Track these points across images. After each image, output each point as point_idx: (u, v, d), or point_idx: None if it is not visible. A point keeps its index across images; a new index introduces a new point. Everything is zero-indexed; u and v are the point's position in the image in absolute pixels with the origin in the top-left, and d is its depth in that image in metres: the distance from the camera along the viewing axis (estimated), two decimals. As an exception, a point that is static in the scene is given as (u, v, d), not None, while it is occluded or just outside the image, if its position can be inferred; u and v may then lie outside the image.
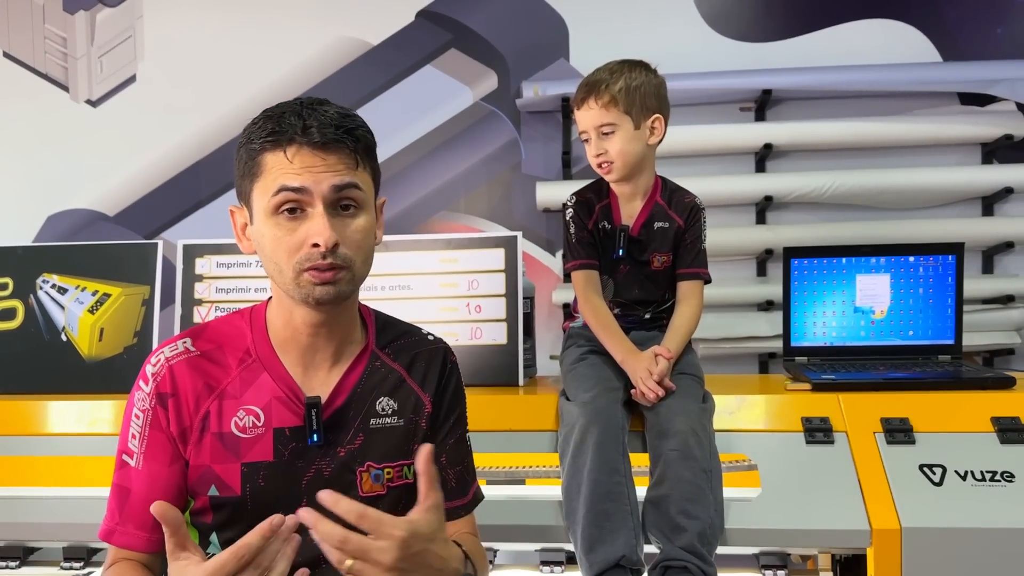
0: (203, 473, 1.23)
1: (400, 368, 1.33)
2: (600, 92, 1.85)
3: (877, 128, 2.80)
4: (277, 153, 1.17)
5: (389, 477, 1.29)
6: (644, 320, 2.00)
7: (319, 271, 1.17)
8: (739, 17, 2.94)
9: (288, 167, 1.16)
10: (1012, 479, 1.71)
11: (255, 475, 1.23)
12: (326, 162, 1.17)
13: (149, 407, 1.24)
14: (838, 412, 1.86)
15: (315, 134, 1.16)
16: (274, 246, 1.19)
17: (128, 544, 1.23)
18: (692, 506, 1.64)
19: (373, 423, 1.29)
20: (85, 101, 3.15)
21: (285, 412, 1.25)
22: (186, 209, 3.12)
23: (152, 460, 1.23)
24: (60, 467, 1.91)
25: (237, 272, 2.17)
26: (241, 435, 1.24)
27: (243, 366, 1.26)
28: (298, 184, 1.16)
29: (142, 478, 1.23)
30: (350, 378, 1.29)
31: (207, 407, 1.24)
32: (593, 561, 1.64)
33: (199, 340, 1.28)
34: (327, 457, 1.26)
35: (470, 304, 2.11)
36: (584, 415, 1.75)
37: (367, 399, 1.29)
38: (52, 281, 2.19)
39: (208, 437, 1.23)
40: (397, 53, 3.05)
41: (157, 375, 1.24)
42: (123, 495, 1.24)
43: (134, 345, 2.15)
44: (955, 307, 2.13)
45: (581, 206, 1.97)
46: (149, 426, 1.23)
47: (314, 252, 1.16)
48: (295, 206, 1.17)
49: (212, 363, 1.26)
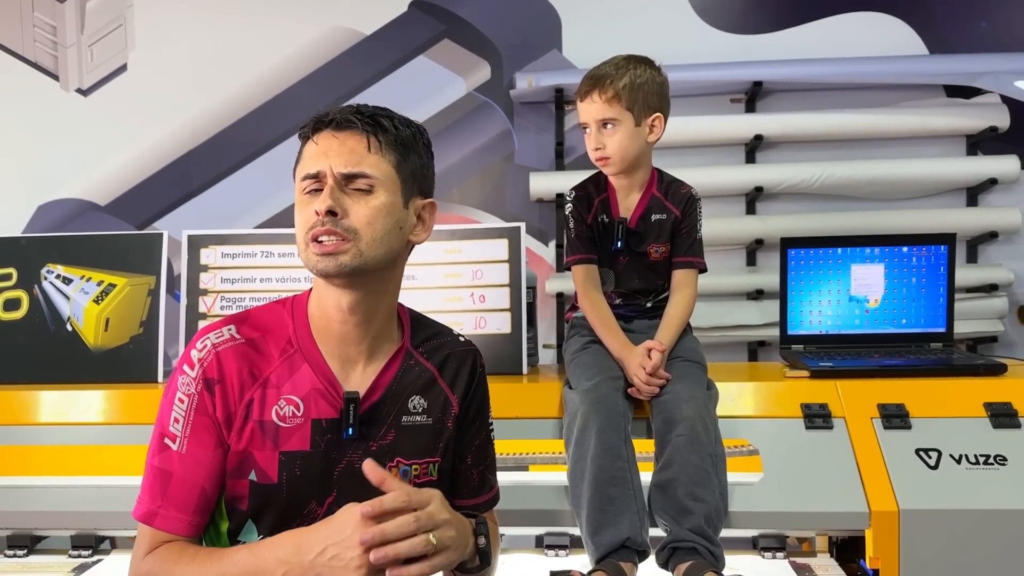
0: (244, 459, 1.26)
1: (433, 368, 1.37)
2: (605, 87, 1.87)
3: (865, 120, 2.86)
4: (309, 143, 1.26)
5: (416, 473, 1.33)
6: (646, 309, 2.03)
7: (321, 244, 1.22)
8: (730, 9, 2.98)
9: (312, 151, 1.25)
10: (1004, 462, 1.77)
11: (292, 464, 1.26)
12: (342, 147, 1.23)
13: (195, 391, 1.25)
14: (836, 398, 1.90)
15: (334, 123, 1.24)
16: (297, 222, 1.26)
17: (170, 528, 1.25)
18: (699, 489, 1.68)
19: (404, 420, 1.32)
20: (75, 90, 3.13)
21: (323, 404, 1.28)
22: (178, 199, 3.12)
23: (197, 444, 1.25)
24: (68, 456, 1.93)
25: (242, 262, 2.18)
26: (281, 424, 1.26)
27: (285, 356, 1.29)
28: (315, 170, 1.23)
29: (186, 462, 1.25)
30: (386, 375, 1.32)
31: (251, 395, 1.26)
32: (599, 543, 1.67)
33: (244, 327, 1.30)
34: (359, 450, 1.29)
35: (474, 294, 2.13)
36: (586, 403, 1.78)
37: (400, 396, 1.33)
38: (57, 271, 2.18)
39: (250, 424, 1.26)
40: (390, 43, 3.06)
41: (204, 360, 1.26)
42: (164, 478, 1.25)
43: (140, 335, 2.15)
44: (947, 296, 2.19)
45: (580, 201, 2.01)
46: (195, 411, 1.25)
47: (316, 219, 1.22)
48: (317, 187, 1.23)
49: (256, 351, 1.28)
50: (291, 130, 3.03)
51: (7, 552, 1.97)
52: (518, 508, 1.81)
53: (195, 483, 1.25)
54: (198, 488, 1.25)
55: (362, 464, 1.19)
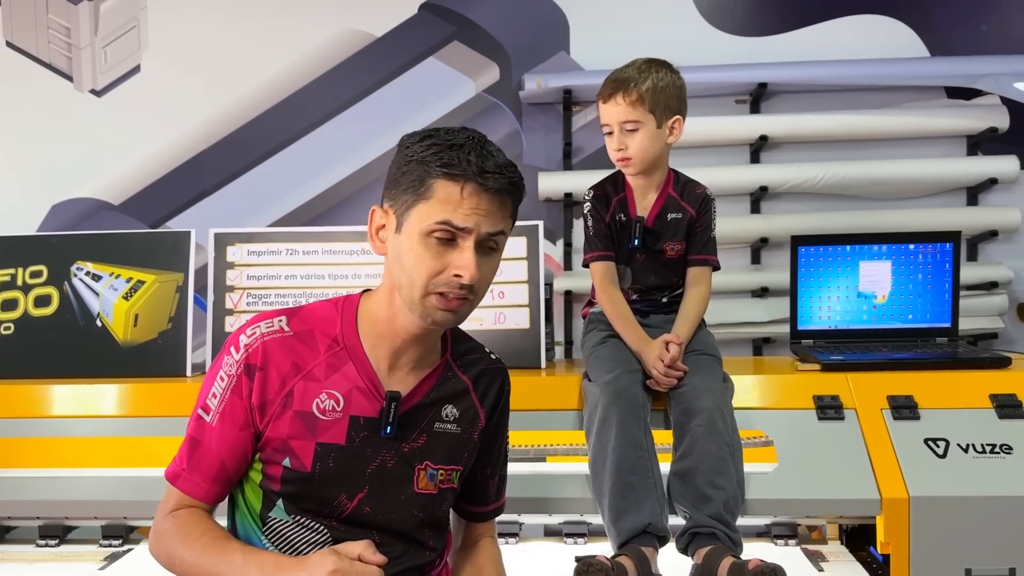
0: (280, 445, 1.30)
1: (468, 381, 1.43)
2: (629, 89, 1.92)
3: (867, 121, 2.91)
4: (452, 185, 1.23)
5: (442, 479, 1.38)
6: (662, 304, 2.09)
7: (447, 299, 1.26)
8: (735, 12, 3.03)
9: (459, 203, 1.23)
10: (1010, 451, 1.83)
11: (327, 455, 1.31)
12: (491, 207, 1.25)
13: (235, 374, 1.31)
14: (847, 391, 1.96)
15: (490, 180, 1.23)
16: (416, 264, 1.25)
17: (190, 491, 1.32)
18: (718, 477, 1.74)
19: (437, 427, 1.38)
20: (89, 91, 3.16)
21: (364, 402, 1.33)
22: (191, 199, 3.15)
23: (225, 421, 1.31)
24: (98, 448, 1.96)
25: (268, 260, 2.22)
26: (320, 416, 1.31)
27: (330, 352, 1.33)
28: (463, 225, 1.23)
29: (214, 434, 1.31)
30: (427, 383, 1.38)
31: (292, 385, 1.31)
32: (621, 529, 1.73)
33: (294, 320, 1.35)
34: (392, 450, 1.34)
35: (494, 290, 2.18)
36: (606, 395, 1.84)
37: (436, 404, 1.38)
38: (87, 268, 2.22)
39: (289, 413, 1.30)
40: (400, 45, 3.10)
41: (250, 347, 1.31)
42: (194, 445, 1.33)
43: (168, 330, 2.20)
44: (952, 292, 2.25)
45: (598, 200, 2.06)
46: (231, 391, 1.31)
47: (454, 282, 1.25)
48: (450, 236, 1.24)
49: (303, 344, 1.33)
50: (303, 131, 3.09)
51: (39, 542, 2.02)
52: (538, 496, 1.86)
53: (217, 455, 1.31)
54: (219, 460, 1.31)
55: (393, 465, 1.30)
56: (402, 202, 1.27)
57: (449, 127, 1.30)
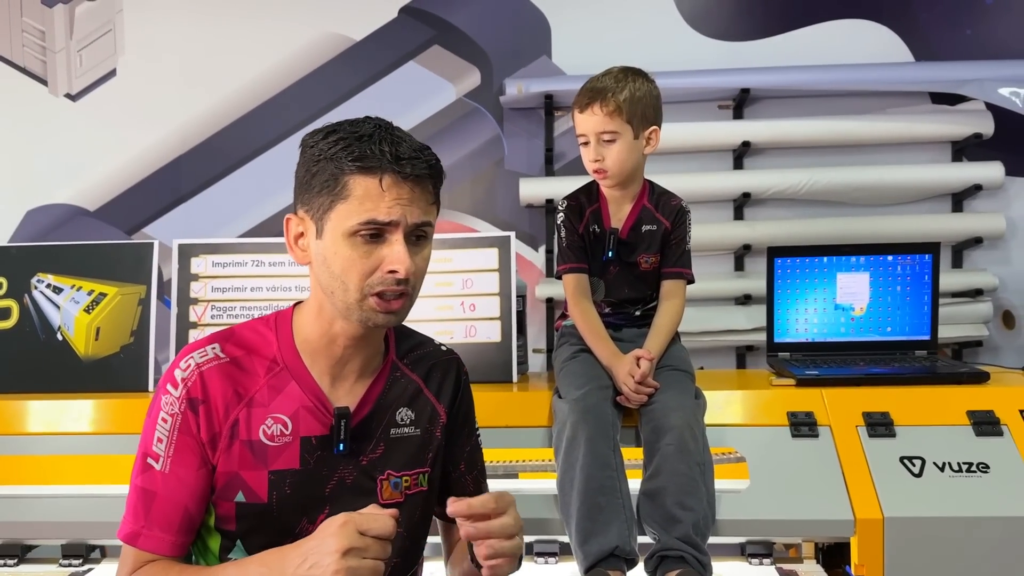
0: (231, 480, 1.25)
1: (418, 379, 1.38)
2: (606, 99, 1.89)
3: (852, 126, 2.87)
4: (369, 180, 1.19)
5: (407, 485, 1.33)
6: (635, 317, 2.05)
7: (386, 300, 1.21)
8: (718, 16, 3.00)
9: (380, 197, 1.18)
10: (987, 470, 1.80)
11: (282, 483, 1.26)
12: (413, 195, 1.20)
13: (179, 411, 1.24)
14: (822, 407, 1.93)
15: (407, 167, 1.19)
16: (346, 267, 1.20)
17: (154, 548, 1.24)
18: (687, 498, 1.70)
19: (393, 433, 1.33)
20: (64, 95, 3.12)
21: (312, 421, 1.28)
22: (167, 204, 3.11)
23: (180, 464, 1.24)
24: (58, 465, 1.92)
25: (233, 271, 2.18)
26: (269, 443, 1.26)
27: (271, 374, 1.28)
28: (388, 219, 1.18)
29: (169, 482, 1.24)
30: (375, 390, 1.33)
31: (236, 414, 1.26)
32: (588, 552, 1.69)
33: (228, 345, 1.29)
34: (350, 465, 1.29)
35: (464, 303, 2.15)
36: (575, 412, 1.80)
37: (388, 409, 1.33)
38: (47, 281, 2.18)
39: (237, 444, 1.25)
40: (380, 49, 3.07)
41: (187, 380, 1.25)
42: (148, 498, 1.25)
43: (131, 344, 2.16)
44: (931, 304, 2.21)
45: (572, 211, 2.02)
46: (178, 431, 1.24)
47: (389, 278, 1.20)
48: (376, 232, 1.20)
49: (241, 370, 1.28)
50: (282, 135, 3.05)
51: (-3, 562, 1.98)
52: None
53: (178, 503, 1.24)
54: (181, 508, 1.24)
55: (353, 481, 1.23)
56: (318, 205, 1.22)
57: (352, 118, 1.24)
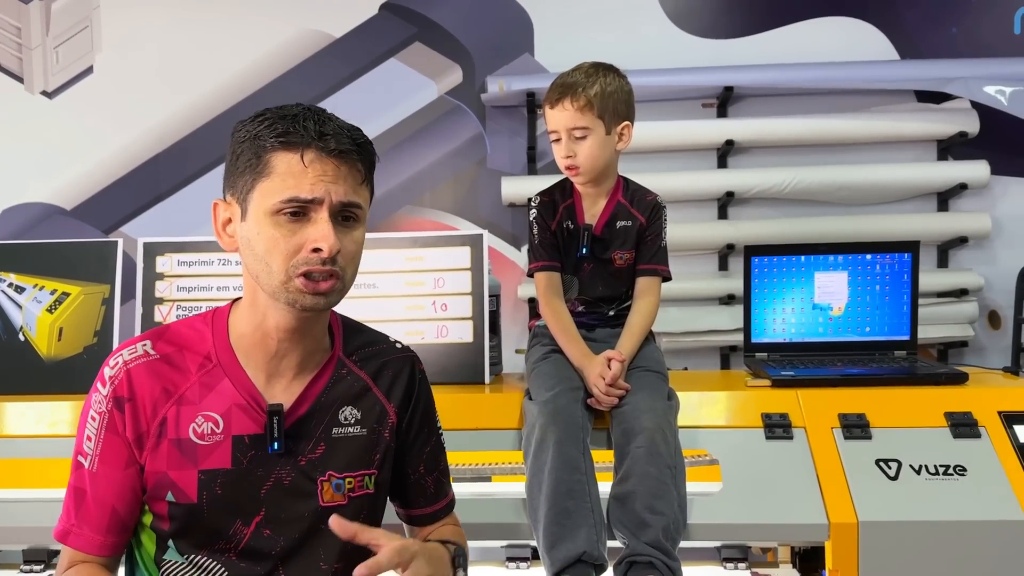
0: (160, 479, 1.21)
1: (366, 376, 1.32)
2: (576, 95, 1.86)
3: (836, 125, 2.85)
4: (290, 156, 1.15)
5: (351, 487, 1.28)
6: (608, 317, 2.02)
7: (313, 280, 1.16)
8: (702, 14, 2.97)
9: (303, 174, 1.14)
10: (964, 472, 1.76)
11: (212, 483, 1.22)
12: (338, 173, 1.16)
13: (106, 410, 1.21)
14: (797, 408, 1.89)
15: (331, 142, 1.14)
16: (270, 247, 1.16)
17: (83, 547, 1.22)
18: (657, 502, 1.66)
19: (335, 432, 1.28)
20: (40, 92, 3.09)
21: (245, 419, 1.23)
22: (145, 203, 3.08)
23: (106, 463, 1.21)
24: (19, 469, 1.88)
25: (199, 270, 2.14)
26: (199, 442, 1.22)
27: (203, 371, 1.24)
28: (311, 196, 1.14)
29: (97, 480, 1.22)
30: (315, 387, 1.28)
31: (164, 413, 1.22)
32: (555, 558, 1.65)
33: (159, 343, 1.25)
34: (287, 466, 1.25)
35: (436, 302, 2.11)
36: (544, 414, 1.76)
37: (331, 408, 1.28)
38: (9, 280, 2.14)
39: (165, 443, 1.21)
40: (360, 46, 3.04)
41: (115, 378, 1.22)
42: (79, 496, 1.23)
43: (94, 345, 2.12)
44: (911, 304, 2.18)
45: (544, 207, 1.99)
46: (105, 429, 1.21)
47: (313, 257, 1.15)
48: (299, 210, 1.15)
49: (171, 367, 1.24)
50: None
51: (-43, 567, 1.94)
52: (479, 521, 1.78)
53: (106, 502, 1.21)
54: (109, 507, 1.22)
55: (291, 482, 1.20)
56: (241, 186, 1.17)
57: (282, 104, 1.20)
